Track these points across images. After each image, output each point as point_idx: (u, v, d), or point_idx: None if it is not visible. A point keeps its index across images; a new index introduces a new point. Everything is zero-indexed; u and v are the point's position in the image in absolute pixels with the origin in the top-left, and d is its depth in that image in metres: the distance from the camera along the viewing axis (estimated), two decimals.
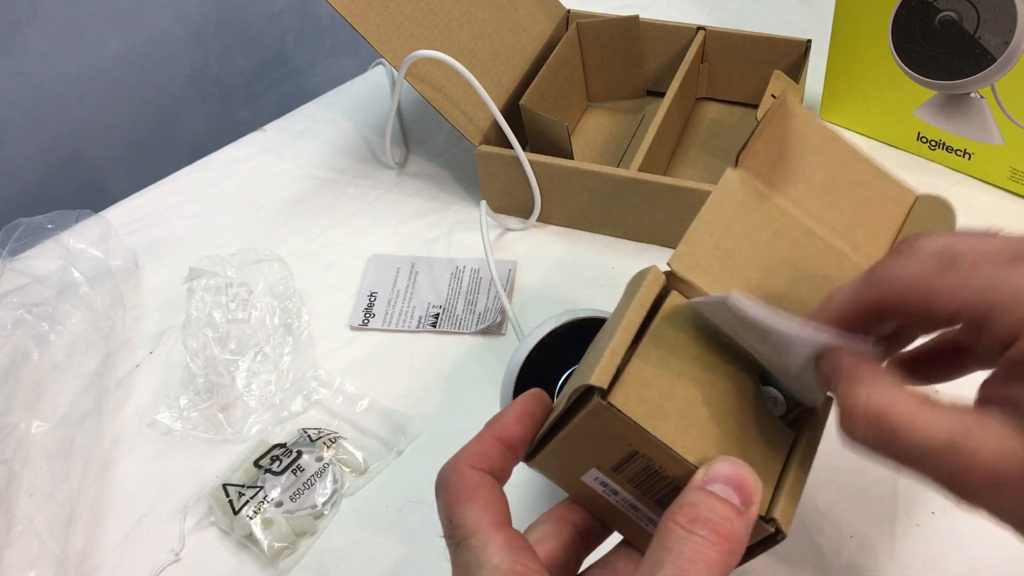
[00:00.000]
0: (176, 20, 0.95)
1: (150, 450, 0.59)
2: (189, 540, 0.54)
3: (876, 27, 0.70)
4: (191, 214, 0.76)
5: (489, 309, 0.65)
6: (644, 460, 0.32)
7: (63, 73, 0.88)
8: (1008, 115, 0.67)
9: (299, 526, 0.52)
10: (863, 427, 0.27)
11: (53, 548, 0.52)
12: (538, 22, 0.81)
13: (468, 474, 0.33)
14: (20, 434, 0.55)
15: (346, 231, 0.73)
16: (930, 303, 0.28)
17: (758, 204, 0.38)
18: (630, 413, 0.31)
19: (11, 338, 0.60)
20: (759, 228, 0.37)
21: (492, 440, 0.34)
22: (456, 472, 0.33)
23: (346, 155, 0.81)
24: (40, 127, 0.88)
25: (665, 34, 0.80)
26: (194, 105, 1.02)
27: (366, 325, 0.65)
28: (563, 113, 0.78)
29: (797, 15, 0.93)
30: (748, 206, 0.38)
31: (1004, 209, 0.70)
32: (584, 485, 0.34)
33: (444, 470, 0.33)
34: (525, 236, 0.72)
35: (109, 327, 0.63)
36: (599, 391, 0.31)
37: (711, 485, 0.29)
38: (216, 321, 0.61)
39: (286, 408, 0.59)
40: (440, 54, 0.66)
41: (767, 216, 0.38)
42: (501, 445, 0.34)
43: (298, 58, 1.11)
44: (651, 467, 0.32)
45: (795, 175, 0.38)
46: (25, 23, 0.83)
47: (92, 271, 0.66)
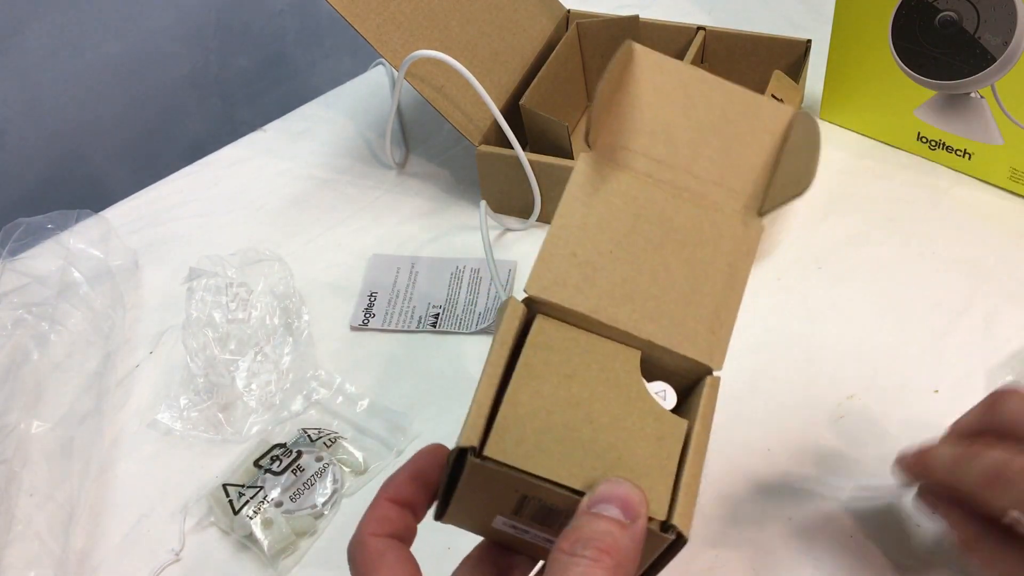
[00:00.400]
0: (176, 20, 0.95)
1: (150, 450, 0.59)
2: (189, 540, 0.54)
3: (876, 27, 0.70)
4: (191, 214, 0.76)
5: (489, 309, 0.65)
6: (536, 500, 0.31)
7: (63, 73, 0.88)
8: (1008, 115, 0.67)
9: (299, 526, 0.52)
10: None
11: (53, 548, 0.51)
12: (538, 22, 0.81)
13: (371, 543, 0.33)
14: (20, 434, 0.55)
15: (346, 231, 0.73)
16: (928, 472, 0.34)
17: (614, 187, 0.36)
18: (507, 460, 0.31)
19: (11, 338, 0.60)
20: (618, 216, 0.35)
21: (387, 504, 0.34)
22: (359, 544, 0.33)
23: (346, 155, 0.81)
24: (40, 127, 0.88)
25: (665, 34, 0.80)
26: (194, 105, 1.02)
27: (366, 325, 0.65)
28: (563, 113, 0.78)
29: (797, 15, 0.93)
30: (604, 194, 0.36)
31: (1004, 209, 0.70)
32: (497, 530, 0.34)
33: (350, 545, 0.33)
34: (525, 236, 0.72)
35: (109, 327, 0.63)
36: (471, 450, 0.31)
37: (595, 507, 0.30)
38: (216, 321, 0.61)
39: (286, 408, 0.59)
40: (440, 54, 0.66)
41: (625, 198, 0.36)
42: (396, 507, 0.34)
43: (298, 58, 1.11)
44: (544, 504, 0.31)
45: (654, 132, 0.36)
46: (25, 23, 0.83)
47: (92, 271, 0.66)
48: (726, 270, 0.36)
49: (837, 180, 0.74)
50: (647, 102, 0.36)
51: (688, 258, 0.35)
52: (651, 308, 0.34)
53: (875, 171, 0.74)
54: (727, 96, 0.37)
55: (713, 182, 0.36)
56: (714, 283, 0.35)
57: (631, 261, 0.35)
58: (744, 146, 0.37)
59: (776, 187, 0.37)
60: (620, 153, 0.36)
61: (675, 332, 0.34)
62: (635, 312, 0.34)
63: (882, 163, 0.75)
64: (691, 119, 0.36)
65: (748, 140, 0.37)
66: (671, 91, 0.36)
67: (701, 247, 0.35)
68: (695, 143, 0.36)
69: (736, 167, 0.37)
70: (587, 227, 0.35)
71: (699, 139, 0.36)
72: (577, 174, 0.36)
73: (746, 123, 0.37)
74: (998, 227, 0.69)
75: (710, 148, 0.36)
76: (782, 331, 0.63)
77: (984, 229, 0.69)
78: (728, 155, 0.37)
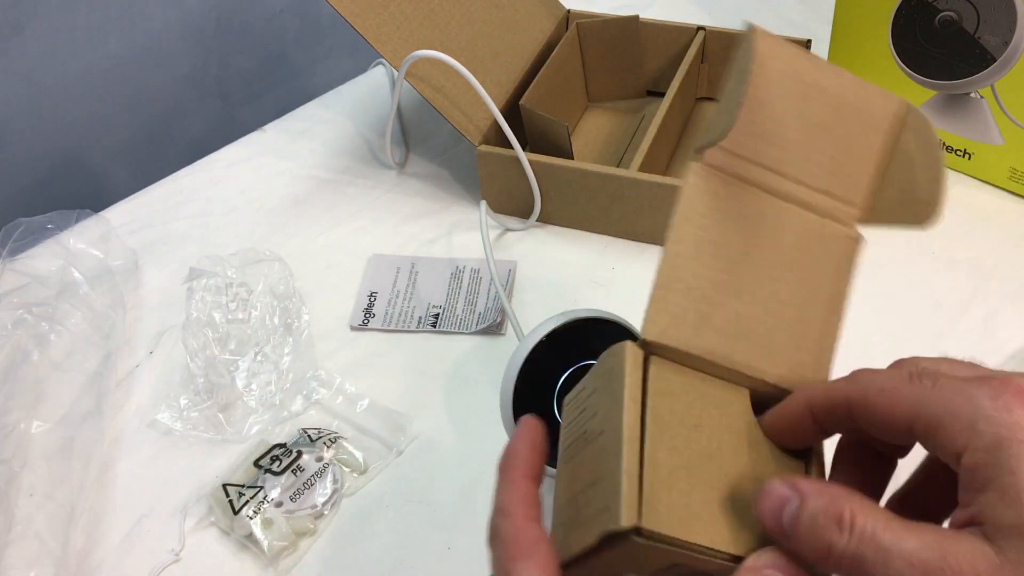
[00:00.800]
0: (176, 20, 0.95)
1: (150, 450, 0.59)
2: (189, 540, 0.54)
3: (876, 27, 0.70)
4: (191, 214, 0.76)
5: (489, 309, 0.65)
6: (686, 567, 0.30)
7: (63, 73, 0.88)
8: (1008, 115, 0.67)
9: (299, 526, 0.52)
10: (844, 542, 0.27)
11: (53, 548, 0.51)
12: (538, 22, 0.81)
13: (525, 527, 0.31)
14: (20, 434, 0.55)
15: (346, 231, 0.73)
16: (892, 408, 0.29)
17: (725, 205, 0.33)
18: (667, 531, 0.29)
19: (11, 338, 0.60)
20: (730, 239, 0.33)
21: (527, 482, 0.33)
22: (513, 524, 0.32)
23: (346, 155, 0.81)
24: (40, 127, 0.88)
25: (665, 34, 0.80)
26: (194, 105, 1.02)
27: (366, 325, 0.65)
28: (563, 113, 0.78)
29: (797, 15, 0.93)
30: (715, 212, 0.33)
31: (1004, 209, 0.70)
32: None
33: (497, 520, 0.32)
34: (525, 236, 0.72)
35: (109, 327, 0.63)
36: (633, 530, 0.29)
37: (764, 573, 0.29)
38: (216, 321, 0.61)
39: (286, 408, 0.59)
40: (440, 54, 0.66)
41: (737, 217, 0.33)
42: (534, 484, 0.33)
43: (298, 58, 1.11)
44: (695, 570, 0.30)
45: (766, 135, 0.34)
46: (25, 23, 0.83)
47: (92, 271, 0.66)
48: (830, 291, 0.35)
49: None
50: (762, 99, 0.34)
51: (797, 283, 0.34)
52: (763, 344, 0.33)
53: None
54: (840, 87, 0.35)
55: (822, 191, 0.34)
56: (819, 308, 0.34)
57: (744, 292, 0.33)
58: (854, 147, 0.35)
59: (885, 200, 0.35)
60: (731, 161, 0.34)
61: (785, 368, 0.33)
62: (749, 351, 0.33)
63: None
64: (803, 118, 0.34)
65: (859, 141, 0.35)
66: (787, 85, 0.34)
67: (809, 269, 0.34)
68: (806, 146, 0.34)
69: (846, 173, 0.35)
70: (700, 254, 0.33)
71: (810, 142, 0.34)
72: (689, 189, 0.33)
73: (857, 121, 0.35)
74: (998, 227, 0.69)
75: (821, 151, 0.34)
76: None
77: (984, 229, 0.69)
78: (838, 159, 0.34)
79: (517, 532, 0.31)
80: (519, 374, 0.50)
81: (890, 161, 0.35)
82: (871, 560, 0.26)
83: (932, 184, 0.33)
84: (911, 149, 0.34)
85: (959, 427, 0.27)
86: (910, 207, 0.34)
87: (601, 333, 0.51)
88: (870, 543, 0.26)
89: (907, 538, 0.26)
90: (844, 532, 0.26)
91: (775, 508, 0.28)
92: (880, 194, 0.35)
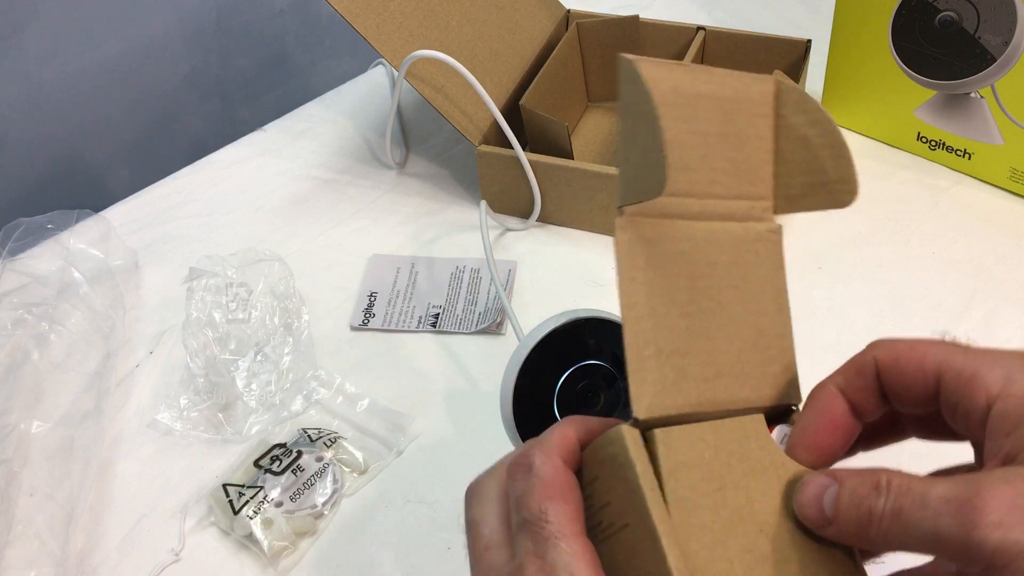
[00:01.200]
0: (176, 20, 0.95)
1: (150, 450, 0.59)
2: (189, 540, 0.54)
3: (876, 27, 0.70)
4: (191, 214, 0.76)
5: (489, 309, 0.65)
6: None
7: (63, 73, 0.88)
8: (1008, 115, 0.67)
9: (299, 526, 0.52)
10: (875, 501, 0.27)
11: (53, 548, 0.51)
12: (538, 22, 0.81)
13: (563, 471, 0.31)
14: (20, 434, 0.55)
15: (346, 231, 0.73)
16: (923, 360, 0.30)
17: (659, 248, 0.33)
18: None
19: (11, 338, 0.60)
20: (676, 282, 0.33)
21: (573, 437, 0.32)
22: (552, 464, 0.31)
23: (346, 155, 0.81)
24: (40, 127, 0.88)
25: (665, 34, 0.80)
26: (194, 105, 1.02)
27: (366, 325, 0.65)
28: (563, 113, 0.78)
29: (797, 15, 0.93)
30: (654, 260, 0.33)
31: (1004, 209, 0.70)
32: None
33: (534, 453, 0.31)
34: (525, 236, 0.72)
35: (109, 327, 0.63)
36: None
37: None
38: (216, 321, 0.61)
39: (286, 408, 0.59)
40: (440, 54, 0.66)
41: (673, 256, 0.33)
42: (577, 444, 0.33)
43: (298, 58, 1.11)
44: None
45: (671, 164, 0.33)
46: (25, 23, 0.83)
47: (92, 271, 0.66)
48: (772, 290, 0.35)
49: None
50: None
51: (744, 298, 0.34)
52: (737, 373, 0.33)
53: (875, 171, 0.74)
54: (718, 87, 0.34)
55: (734, 197, 0.34)
56: (769, 312, 0.35)
57: (705, 329, 0.33)
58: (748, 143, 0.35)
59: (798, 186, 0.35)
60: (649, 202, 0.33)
61: (762, 386, 0.33)
62: (728, 386, 0.33)
63: (882, 163, 0.75)
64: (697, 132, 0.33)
65: (750, 134, 0.35)
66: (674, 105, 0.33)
67: (749, 279, 0.34)
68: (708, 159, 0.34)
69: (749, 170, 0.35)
70: (656, 309, 0.32)
71: (709, 153, 0.34)
72: (623, 246, 0.32)
73: (743, 115, 0.35)
74: (998, 227, 0.69)
75: (721, 158, 0.34)
76: None
77: (984, 229, 0.69)
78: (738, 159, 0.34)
79: (556, 472, 0.31)
80: (519, 374, 0.49)
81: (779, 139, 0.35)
82: (908, 508, 0.26)
83: (839, 161, 0.33)
84: (799, 126, 0.34)
85: (994, 377, 0.28)
86: (826, 189, 0.34)
87: (601, 333, 0.51)
88: (906, 495, 0.26)
89: (941, 483, 0.26)
90: (882, 495, 0.27)
91: (816, 497, 0.29)
92: (791, 180, 0.35)
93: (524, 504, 0.30)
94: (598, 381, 0.51)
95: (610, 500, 0.31)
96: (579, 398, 0.51)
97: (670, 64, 0.34)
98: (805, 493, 0.29)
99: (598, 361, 0.51)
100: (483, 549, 0.31)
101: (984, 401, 0.28)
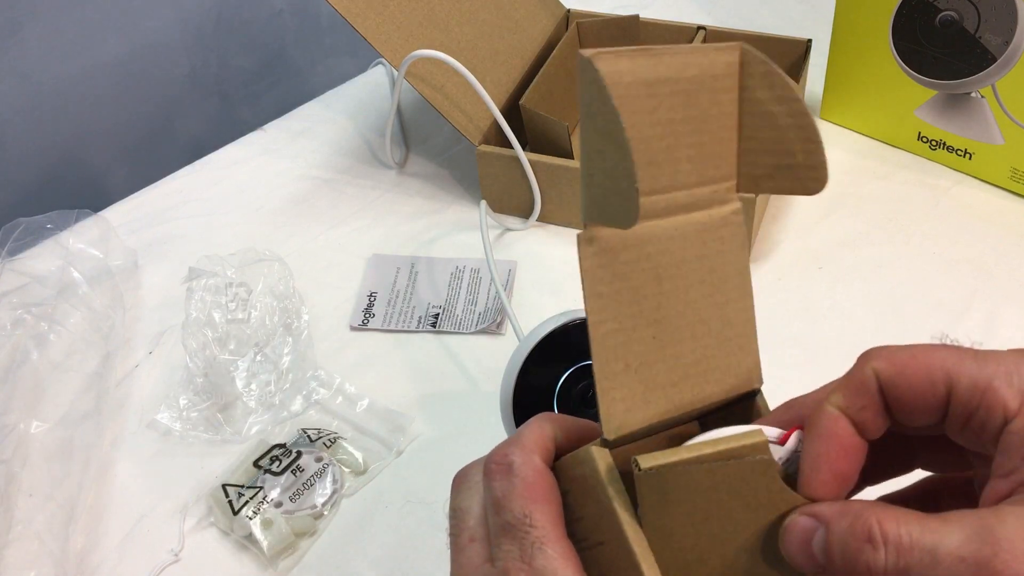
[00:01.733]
0: (176, 20, 0.95)
1: (150, 450, 0.58)
2: (189, 540, 0.53)
3: (876, 27, 0.70)
4: (191, 214, 0.76)
5: (489, 309, 0.65)
6: None
7: (63, 73, 0.88)
8: (1009, 115, 0.67)
9: (299, 526, 0.52)
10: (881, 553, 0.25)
11: (53, 548, 0.51)
12: (538, 22, 0.81)
13: (544, 472, 0.30)
14: (20, 434, 0.55)
15: (346, 231, 0.73)
16: (929, 370, 0.27)
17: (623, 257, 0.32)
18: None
19: (11, 338, 0.60)
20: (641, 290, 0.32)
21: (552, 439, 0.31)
22: (533, 465, 0.30)
23: (346, 155, 0.81)
24: (40, 127, 0.88)
25: (665, 34, 0.80)
26: (194, 105, 1.02)
27: (366, 325, 0.65)
28: (563, 113, 0.78)
29: (797, 15, 0.93)
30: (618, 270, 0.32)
31: (1004, 209, 0.70)
32: None
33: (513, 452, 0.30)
34: (525, 236, 0.72)
35: (109, 327, 0.63)
36: None
37: None
38: (216, 321, 0.61)
39: (286, 408, 0.59)
40: (440, 54, 0.66)
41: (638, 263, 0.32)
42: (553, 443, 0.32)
43: (298, 58, 1.11)
44: None
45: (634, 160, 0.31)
46: (25, 23, 0.83)
47: (92, 271, 0.66)
48: (735, 274, 0.34)
49: (837, 180, 0.74)
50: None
51: (710, 291, 0.33)
52: (703, 370, 0.33)
53: (875, 171, 0.74)
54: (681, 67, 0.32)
55: (698, 184, 0.33)
56: (733, 301, 0.34)
57: (672, 333, 0.32)
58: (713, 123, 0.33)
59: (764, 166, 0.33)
60: None
61: (726, 377, 0.33)
62: (695, 386, 0.32)
63: (882, 163, 0.75)
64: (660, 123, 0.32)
65: (715, 112, 0.33)
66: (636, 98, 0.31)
67: (714, 270, 0.33)
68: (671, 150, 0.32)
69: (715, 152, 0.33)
70: (623, 323, 0.31)
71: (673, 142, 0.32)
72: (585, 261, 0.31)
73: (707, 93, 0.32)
74: (998, 227, 0.69)
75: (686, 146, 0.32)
76: (782, 331, 0.63)
77: (984, 229, 0.69)
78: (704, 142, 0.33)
79: (537, 473, 0.30)
80: (519, 374, 0.49)
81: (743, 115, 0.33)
82: (916, 567, 0.24)
83: (808, 145, 0.31)
84: (765, 100, 0.33)
85: (1012, 390, 0.26)
86: (793, 174, 0.33)
87: None
88: (909, 551, 0.24)
89: (948, 533, 0.24)
90: (879, 548, 0.25)
91: (803, 543, 0.27)
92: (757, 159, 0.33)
93: (505, 506, 0.30)
94: None
95: (583, 515, 0.31)
96: (579, 398, 0.51)
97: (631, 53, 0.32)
98: (790, 541, 0.27)
99: None
100: (468, 540, 0.31)
101: (1001, 414, 0.26)
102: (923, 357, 0.27)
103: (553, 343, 0.50)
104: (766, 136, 0.33)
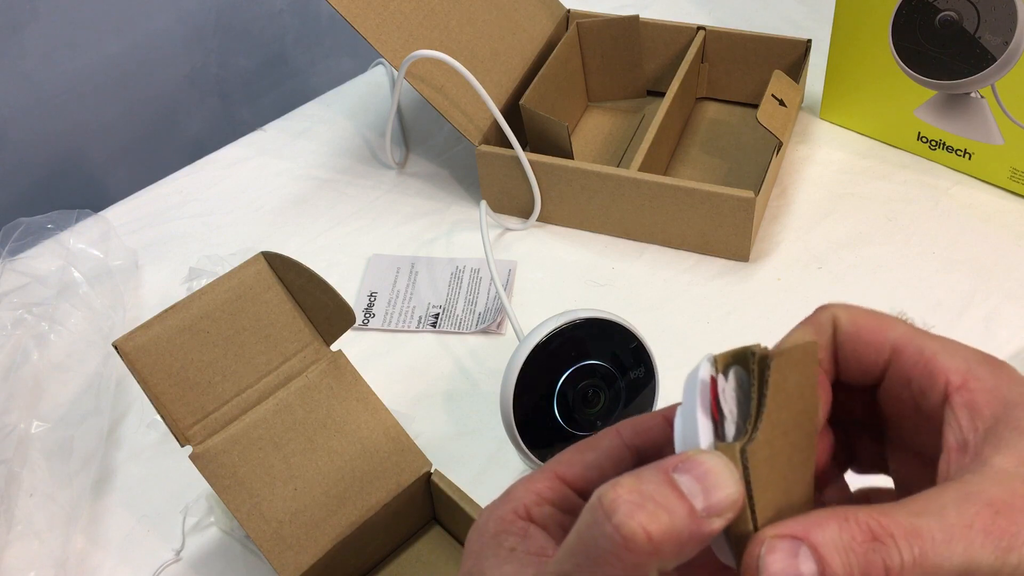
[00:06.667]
0: (176, 20, 0.95)
1: (150, 450, 0.59)
2: (189, 540, 0.54)
3: (876, 27, 0.70)
4: (191, 214, 0.76)
5: (489, 309, 0.65)
6: None
7: (63, 73, 0.88)
8: (1008, 115, 0.67)
9: None
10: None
11: (53, 548, 0.52)
12: (538, 22, 0.81)
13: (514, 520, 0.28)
14: (20, 434, 0.55)
15: (346, 231, 0.73)
16: (882, 332, 0.29)
17: (242, 448, 0.47)
18: None
19: (11, 338, 0.60)
20: (268, 460, 0.47)
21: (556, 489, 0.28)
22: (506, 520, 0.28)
23: (346, 155, 0.81)
24: (40, 127, 0.88)
25: (665, 34, 0.80)
26: (194, 105, 1.02)
27: (366, 325, 0.65)
28: (563, 113, 0.78)
29: (797, 15, 0.93)
30: (245, 461, 0.46)
31: (1004, 209, 0.70)
32: None
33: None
34: (525, 236, 0.72)
35: (109, 327, 0.63)
36: None
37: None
38: None
39: None
40: (440, 54, 0.66)
41: (255, 445, 0.48)
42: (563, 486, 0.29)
43: (298, 58, 1.11)
44: None
45: None
46: (25, 23, 0.83)
47: (92, 271, 0.66)
48: (360, 398, 0.53)
49: (837, 180, 0.74)
50: None
51: (337, 433, 0.48)
52: None
53: (875, 171, 0.74)
54: (232, 298, 0.50)
55: (274, 370, 0.50)
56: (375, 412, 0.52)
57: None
58: (270, 324, 0.50)
59: (322, 323, 0.51)
60: (200, 430, 0.49)
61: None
62: None
63: (882, 163, 0.75)
64: (204, 359, 0.49)
65: (263, 313, 0.49)
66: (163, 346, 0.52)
67: (342, 401, 0.49)
68: (226, 373, 0.49)
69: (277, 344, 0.51)
70: (258, 492, 0.47)
71: (227, 366, 0.49)
72: (205, 475, 0.48)
73: (250, 306, 0.49)
74: (998, 227, 0.69)
75: (244, 360, 0.49)
76: (782, 331, 0.62)
77: (984, 229, 0.69)
78: (268, 343, 0.49)
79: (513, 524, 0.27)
80: (519, 374, 0.50)
81: (297, 298, 0.52)
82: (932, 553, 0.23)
83: (336, 299, 0.50)
84: (298, 282, 0.52)
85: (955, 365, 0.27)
86: (338, 318, 0.51)
87: (601, 333, 0.51)
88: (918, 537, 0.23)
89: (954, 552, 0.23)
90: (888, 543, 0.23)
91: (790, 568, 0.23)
92: (324, 321, 0.52)
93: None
94: (598, 381, 0.51)
95: None
96: (579, 398, 0.51)
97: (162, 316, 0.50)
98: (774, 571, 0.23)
99: (598, 361, 0.51)
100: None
101: (943, 384, 0.27)
102: (878, 318, 0.29)
103: (553, 343, 0.50)
104: (318, 303, 0.50)
